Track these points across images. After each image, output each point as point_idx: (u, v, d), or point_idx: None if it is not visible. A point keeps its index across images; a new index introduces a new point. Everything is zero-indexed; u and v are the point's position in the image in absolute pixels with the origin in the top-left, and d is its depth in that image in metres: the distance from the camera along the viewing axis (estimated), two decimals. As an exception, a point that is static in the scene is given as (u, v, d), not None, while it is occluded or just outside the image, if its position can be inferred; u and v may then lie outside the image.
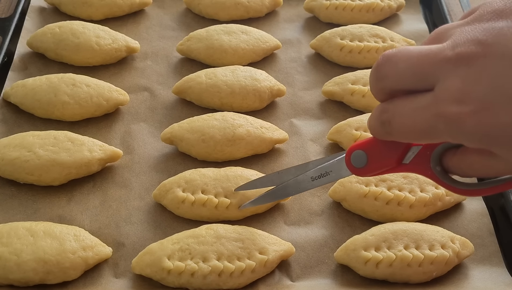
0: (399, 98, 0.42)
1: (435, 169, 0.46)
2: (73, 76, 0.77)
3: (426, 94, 0.40)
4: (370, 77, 0.44)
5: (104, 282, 0.61)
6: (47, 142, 0.69)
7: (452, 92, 0.38)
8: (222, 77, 0.78)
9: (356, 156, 0.50)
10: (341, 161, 0.52)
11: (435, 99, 0.39)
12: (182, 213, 0.66)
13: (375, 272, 0.60)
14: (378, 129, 0.44)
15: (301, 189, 0.58)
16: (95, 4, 0.88)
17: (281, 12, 0.95)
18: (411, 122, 0.41)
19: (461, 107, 0.37)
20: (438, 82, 0.39)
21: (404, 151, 0.47)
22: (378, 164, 0.49)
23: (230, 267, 0.59)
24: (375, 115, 0.44)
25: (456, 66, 0.38)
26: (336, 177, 0.54)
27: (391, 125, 0.43)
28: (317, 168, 0.55)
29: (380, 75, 0.43)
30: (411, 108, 0.41)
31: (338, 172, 0.54)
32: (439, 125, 0.39)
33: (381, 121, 0.43)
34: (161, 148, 0.74)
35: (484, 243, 0.65)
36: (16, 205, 0.67)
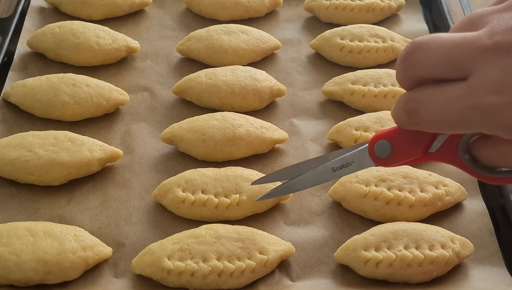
0: (428, 86, 0.40)
1: (463, 157, 0.45)
2: (73, 76, 0.77)
3: (459, 83, 0.39)
4: (398, 65, 0.42)
5: (104, 282, 0.61)
6: (47, 142, 0.69)
7: (490, 83, 0.37)
8: (222, 77, 0.78)
9: (380, 146, 0.48)
10: (364, 152, 0.50)
11: (471, 89, 0.38)
12: (182, 213, 0.66)
13: (375, 272, 0.60)
14: (404, 119, 0.43)
15: (321, 180, 0.55)
16: (95, 4, 0.88)
17: (281, 12, 0.95)
18: (442, 113, 0.39)
19: (500, 98, 0.36)
20: (474, 71, 0.38)
21: (431, 140, 0.46)
22: (403, 154, 0.47)
23: (230, 267, 0.59)
24: (401, 105, 0.42)
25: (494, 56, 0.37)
26: (358, 168, 0.52)
27: (419, 115, 0.41)
28: (338, 159, 0.53)
29: (410, 64, 0.41)
30: (443, 98, 0.39)
31: (360, 163, 0.51)
32: (474, 116, 0.38)
33: (408, 110, 0.42)
34: (161, 148, 0.74)
35: (484, 243, 0.65)
36: (16, 205, 0.67)
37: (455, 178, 0.71)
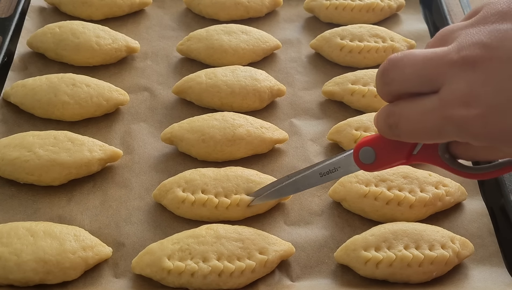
0: (405, 100, 0.43)
1: (443, 157, 0.47)
2: (73, 76, 0.77)
3: (431, 96, 0.41)
4: (377, 81, 0.44)
5: (104, 282, 0.61)
6: (47, 142, 0.69)
7: (458, 96, 0.38)
8: (222, 77, 0.78)
9: (364, 153, 0.50)
10: (350, 157, 0.53)
11: (442, 102, 0.40)
12: (182, 213, 0.66)
13: (375, 272, 0.60)
14: (386, 131, 0.45)
15: (309, 185, 0.58)
16: (95, 4, 0.88)
17: (281, 12, 0.95)
18: (418, 125, 0.42)
19: (468, 110, 0.38)
20: (444, 85, 0.40)
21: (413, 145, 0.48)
22: (387, 159, 0.49)
23: (230, 267, 0.59)
24: (382, 118, 0.45)
25: (461, 70, 0.38)
26: (344, 173, 0.55)
27: (398, 128, 0.43)
28: (326, 164, 0.56)
29: (387, 80, 0.43)
30: (418, 111, 0.42)
31: (346, 168, 0.54)
32: (447, 127, 0.40)
33: (389, 124, 0.44)
34: (161, 148, 0.74)
35: (484, 243, 0.65)
36: (16, 205, 0.67)
37: (455, 178, 0.71)
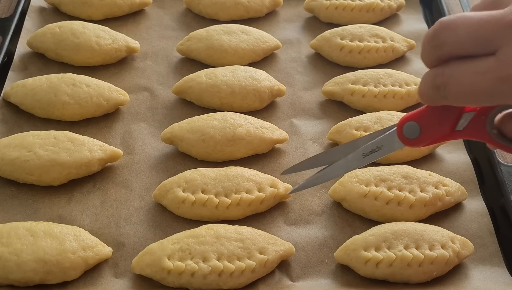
0: (456, 62, 0.42)
1: (491, 132, 0.47)
2: (73, 76, 0.77)
3: (488, 58, 0.40)
4: (425, 44, 0.44)
5: (104, 282, 0.61)
6: (47, 142, 0.69)
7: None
8: (222, 77, 0.78)
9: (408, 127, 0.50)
10: (393, 135, 0.52)
11: (499, 63, 0.40)
12: (182, 213, 0.66)
13: (375, 272, 0.60)
14: (431, 93, 0.44)
15: (351, 167, 0.56)
16: (95, 4, 0.88)
17: (281, 12, 0.95)
18: (470, 85, 0.41)
19: None
20: (502, 46, 0.40)
21: (457, 118, 0.48)
22: (431, 133, 0.49)
23: (230, 267, 0.59)
24: (429, 80, 0.44)
25: None
26: (388, 151, 0.53)
27: (446, 88, 0.43)
28: (368, 144, 0.54)
29: (438, 42, 0.43)
30: (471, 71, 0.41)
31: (390, 146, 0.52)
32: (503, 88, 0.40)
33: (436, 85, 0.43)
34: (161, 148, 0.74)
35: (484, 243, 0.65)
36: (16, 205, 0.67)
37: (455, 178, 0.71)
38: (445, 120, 0.48)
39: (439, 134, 0.49)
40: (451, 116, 0.48)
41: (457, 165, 0.73)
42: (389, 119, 0.73)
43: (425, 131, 0.49)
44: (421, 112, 0.49)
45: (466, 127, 0.48)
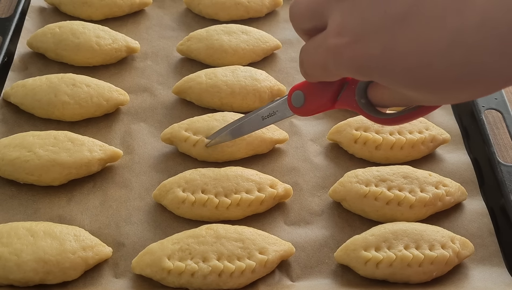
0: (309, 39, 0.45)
1: (359, 102, 0.48)
2: (73, 76, 0.77)
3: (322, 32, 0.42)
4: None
5: (104, 282, 0.61)
6: (47, 142, 0.69)
7: (334, 26, 0.40)
8: (222, 77, 0.78)
9: (295, 96, 0.53)
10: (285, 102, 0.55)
11: (325, 35, 0.41)
12: (182, 213, 0.66)
13: (375, 272, 0.60)
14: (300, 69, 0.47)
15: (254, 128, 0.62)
16: (95, 4, 0.88)
17: (281, 12, 0.95)
18: (312, 60, 0.43)
19: (339, 39, 0.39)
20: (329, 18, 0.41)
21: (338, 88, 0.50)
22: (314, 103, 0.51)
23: (230, 267, 0.59)
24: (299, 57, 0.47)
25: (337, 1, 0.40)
26: (281, 116, 0.58)
27: (303, 65, 0.45)
28: (267, 108, 0.59)
29: (291, 18, 0.45)
30: (313, 46, 0.43)
31: (282, 112, 0.57)
32: (328, 59, 0.41)
33: (300, 62, 0.46)
34: (161, 148, 0.74)
35: (484, 243, 0.65)
36: (16, 205, 0.67)
37: (455, 178, 0.71)
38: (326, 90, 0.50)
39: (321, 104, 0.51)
40: (331, 86, 0.49)
41: (457, 165, 0.73)
42: (389, 119, 0.73)
43: (308, 100, 0.52)
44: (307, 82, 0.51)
45: (341, 97, 0.50)
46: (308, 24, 0.44)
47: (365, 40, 0.38)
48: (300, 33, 0.46)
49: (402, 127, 0.73)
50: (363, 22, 0.38)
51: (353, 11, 0.38)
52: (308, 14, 0.43)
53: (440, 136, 0.74)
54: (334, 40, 0.39)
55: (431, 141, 0.73)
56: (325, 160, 0.74)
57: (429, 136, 0.73)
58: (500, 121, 0.80)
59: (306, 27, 0.44)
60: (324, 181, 0.71)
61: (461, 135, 0.77)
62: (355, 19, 0.38)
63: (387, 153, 0.72)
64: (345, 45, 0.39)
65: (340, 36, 0.39)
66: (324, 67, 0.42)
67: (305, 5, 0.43)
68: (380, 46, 0.37)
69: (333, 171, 0.73)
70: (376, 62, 0.38)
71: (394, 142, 0.71)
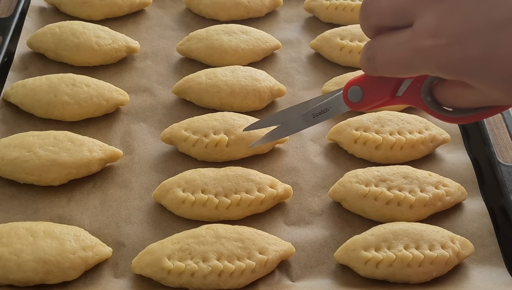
0: (383, 34, 0.44)
1: (425, 99, 0.48)
2: (73, 76, 0.77)
3: (406, 30, 0.42)
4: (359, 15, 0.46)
5: (104, 282, 0.61)
6: (47, 142, 0.69)
7: (427, 27, 0.40)
8: (222, 77, 0.78)
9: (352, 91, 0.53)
10: (339, 97, 0.55)
11: (413, 35, 0.41)
12: (182, 213, 0.66)
13: (375, 272, 0.60)
14: (365, 64, 0.47)
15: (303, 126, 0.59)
16: (95, 4, 0.88)
17: (281, 12, 0.95)
18: (391, 57, 0.43)
19: (435, 40, 0.39)
20: (416, 18, 0.41)
21: (397, 84, 0.50)
22: (373, 97, 0.51)
23: (230, 267, 0.59)
24: (363, 52, 0.47)
25: (432, 2, 0.40)
26: (335, 113, 0.57)
27: (375, 60, 0.45)
28: (318, 105, 0.57)
29: (366, 14, 0.45)
30: (392, 43, 0.43)
31: (337, 108, 0.56)
32: (415, 59, 0.41)
33: (367, 57, 0.46)
34: (161, 148, 0.74)
35: (484, 243, 0.65)
36: (16, 205, 0.67)
37: (455, 178, 0.71)
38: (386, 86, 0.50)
39: (380, 99, 0.51)
40: (391, 82, 0.50)
41: (457, 165, 0.73)
42: (389, 119, 0.73)
43: (367, 95, 0.52)
44: (364, 77, 0.51)
45: (404, 94, 0.50)
46: (388, 22, 0.43)
47: (463, 42, 0.38)
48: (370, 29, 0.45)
49: (402, 127, 0.73)
50: (464, 25, 0.38)
51: (453, 13, 0.39)
52: (390, 11, 0.43)
53: (440, 136, 0.74)
54: (428, 41, 0.40)
55: (431, 141, 0.73)
56: (325, 160, 0.74)
57: (429, 136, 0.73)
58: (500, 121, 0.80)
59: (383, 24, 0.44)
60: (324, 181, 0.71)
61: (461, 135, 0.77)
62: (454, 21, 0.39)
63: (387, 153, 0.72)
64: (441, 46, 0.39)
65: (436, 38, 0.39)
66: (407, 65, 0.42)
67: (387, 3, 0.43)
68: (480, 49, 0.38)
69: (333, 171, 0.73)
70: (473, 64, 0.39)
71: (394, 142, 0.71)
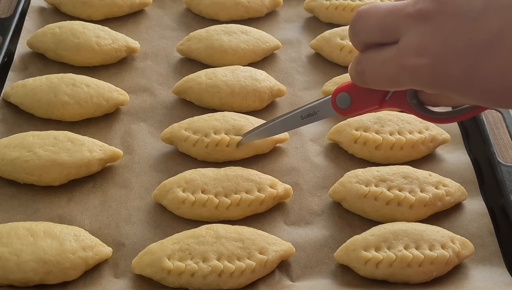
0: (371, 50, 0.46)
1: (411, 102, 0.50)
2: (73, 76, 0.77)
3: (392, 46, 0.44)
4: (348, 31, 0.48)
5: (104, 282, 0.61)
6: (47, 142, 0.69)
7: (412, 46, 0.41)
8: (222, 77, 0.78)
9: (341, 98, 0.54)
10: (328, 102, 0.56)
11: (398, 52, 0.43)
12: (182, 213, 0.66)
13: (375, 272, 0.60)
14: (355, 78, 0.49)
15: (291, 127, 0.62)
16: (95, 4, 0.88)
17: (281, 12, 0.95)
18: (379, 72, 0.45)
19: (419, 59, 0.41)
20: (401, 36, 0.42)
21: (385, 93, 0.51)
22: (361, 104, 0.53)
23: (230, 267, 0.59)
24: (353, 66, 0.48)
25: (416, 22, 0.41)
26: (322, 116, 0.59)
27: (364, 75, 0.47)
28: (306, 108, 0.60)
29: (354, 31, 0.47)
30: (379, 59, 0.45)
31: (325, 112, 0.58)
32: (402, 75, 0.43)
33: (357, 71, 0.48)
34: (161, 148, 0.74)
35: (484, 243, 0.65)
36: (16, 205, 0.67)
37: (455, 178, 0.71)
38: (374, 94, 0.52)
39: (368, 106, 0.53)
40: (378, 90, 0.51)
41: (457, 165, 0.73)
42: (389, 119, 0.73)
43: (355, 102, 0.53)
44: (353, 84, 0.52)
45: (390, 98, 0.51)
46: (375, 38, 0.45)
47: (446, 62, 0.40)
48: (360, 44, 0.47)
49: (402, 127, 0.73)
50: (446, 46, 0.40)
51: (436, 34, 0.40)
52: (377, 29, 0.44)
53: (440, 136, 0.74)
54: (412, 59, 0.41)
55: (431, 141, 0.73)
56: (325, 160, 0.74)
57: (429, 136, 0.73)
58: (500, 121, 0.80)
59: (371, 41, 0.46)
60: (324, 181, 0.71)
61: (461, 135, 0.77)
62: (437, 42, 0.40)
63: (387, 153, 0.72)
64: (424, 65, 0.41)
65: (420, 56, 0.41)
66: (394, 80, 0.44)
67: (375, 20, 0.45)
68: (461, 69, 0.39)
69: (333, 171, 0.73)
70: (455, 82, 0.40)
71: (394, 142, 0.71)
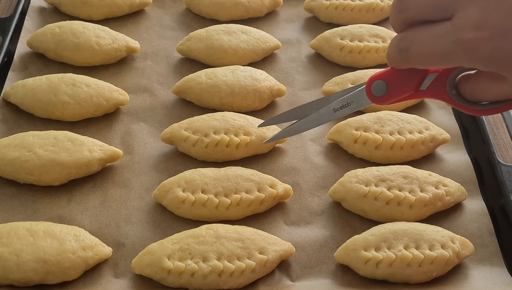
0: (418, 26, 0.45)
1: (450, 93, 0.49)
2: (73, 76, 0.77)
3: (445, 22, 0.43)
4: (392, 8, 0.46)
5: (104, 282, 0.61)
6: (47, 142, 0.69)
7: (470, 20, 0.41)
8: (222, 77, 0.78)
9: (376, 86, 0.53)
10: (362, 92, 0.55)
11: (454, 27, 0.42)
12: (182, 213, 0.66)
13: (375, 272, 0.60)
14: (395, 56, 0.47)
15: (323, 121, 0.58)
16: (95, 4, 0.88)
17: (281, 12, 0.95)
18: (429, 48, 0.44)
19: (479, 33, 0.41)
20: (457, 12, 0.42)
21: (421, 78, 0.50)
22: (397, 92, 0.52)
23: (230, 267, 0.59)
24: (393, 44, 0.47)
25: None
26: (357, 107, 0.56)
27: (409, 51, 0.45)
28: (339, 100, 0.57)
29: (402, 7, 0.45)
30: (431, 35, 0.44)
31: (359, 102, 0.56)
32: (457, 50, 0.42)
33: (399, 48, 0.46)
34: (161, 148, 0.74)
35: (484, 243, 0.65)
36: (16, 205, 0.67)
37: (455, 178, 0.71)
38: (410, 80, 0.51)
39: (404, 93, 0.52)
40: (416, 77, 0.50)
41: (457, 165, 0.73)
42: (389, 119, 0.73)
43: (391, 89, 0.52)
44: (389, 71, 0.52)
45: (429, 87, 0.51)
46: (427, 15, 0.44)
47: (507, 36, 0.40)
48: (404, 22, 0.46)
49: (402, 127, 0.73)
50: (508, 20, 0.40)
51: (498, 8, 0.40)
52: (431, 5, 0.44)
53: (440, 136, 0.74)
54: (470, 34, 0.41)
55: (431, 141, 0.73)
56: (325, 160, 0.74)
57: (429, 136, 0.73)
58: (500, 121, 0.80)
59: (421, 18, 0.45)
60: (324, 181, 0.71)
61: (461, 135, 0.77)
62: (499, 16, 0.40)
63: (387, 153, 0.72)
64: (483, 38, 0.40)
65: (479, 30, 0.41)
66: (445, 56, 0.43)
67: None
68: None
69: (333, 171, 0.73)
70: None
71: (394, 142, 0.71)
